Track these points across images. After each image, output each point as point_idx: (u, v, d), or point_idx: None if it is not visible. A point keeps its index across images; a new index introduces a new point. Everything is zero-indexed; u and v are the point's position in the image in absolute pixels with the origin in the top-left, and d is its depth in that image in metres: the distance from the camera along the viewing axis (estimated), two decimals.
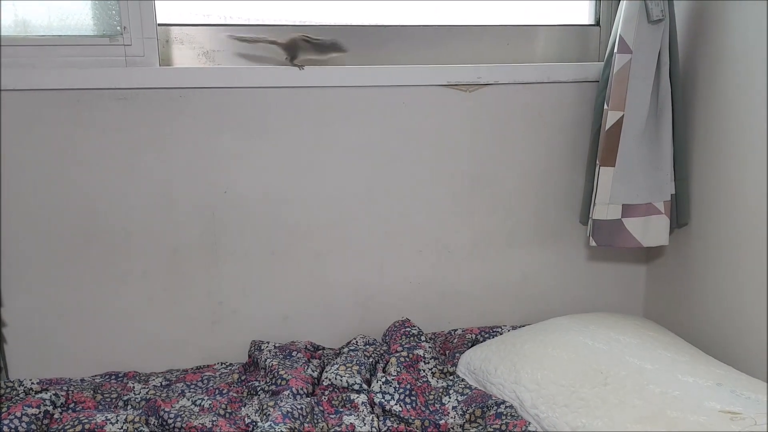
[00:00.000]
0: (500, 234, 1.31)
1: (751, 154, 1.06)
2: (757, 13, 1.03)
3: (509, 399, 1.02)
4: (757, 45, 1.04)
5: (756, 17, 1.04)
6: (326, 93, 1.19)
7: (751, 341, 1.08)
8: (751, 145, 1.06)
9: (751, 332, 1.08)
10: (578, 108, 1.28)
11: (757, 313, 1.07)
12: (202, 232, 1.20)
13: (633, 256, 1.37)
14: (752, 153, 1.06)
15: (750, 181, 1.07)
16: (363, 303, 1.29)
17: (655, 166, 1.17)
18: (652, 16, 1.11)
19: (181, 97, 1.15)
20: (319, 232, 1.24)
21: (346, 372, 1.10)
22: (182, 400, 1.05)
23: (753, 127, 1.06)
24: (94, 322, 1.20)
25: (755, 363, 1.07)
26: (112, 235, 1.17)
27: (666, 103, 1.16)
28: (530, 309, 1.36)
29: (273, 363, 1.13)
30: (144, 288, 1.20)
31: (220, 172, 1.19)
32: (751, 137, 1.06)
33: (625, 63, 1.13)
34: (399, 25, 1.25)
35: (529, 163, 1.29)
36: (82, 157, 1.14)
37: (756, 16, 1.04)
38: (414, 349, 1.16)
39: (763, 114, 1.03)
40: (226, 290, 1.23)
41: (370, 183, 1.24)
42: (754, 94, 1.05)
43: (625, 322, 1.17)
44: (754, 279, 1.07)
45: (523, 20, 1.32)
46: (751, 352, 1.08)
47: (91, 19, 1.13)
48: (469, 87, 1.24)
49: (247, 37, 1.16)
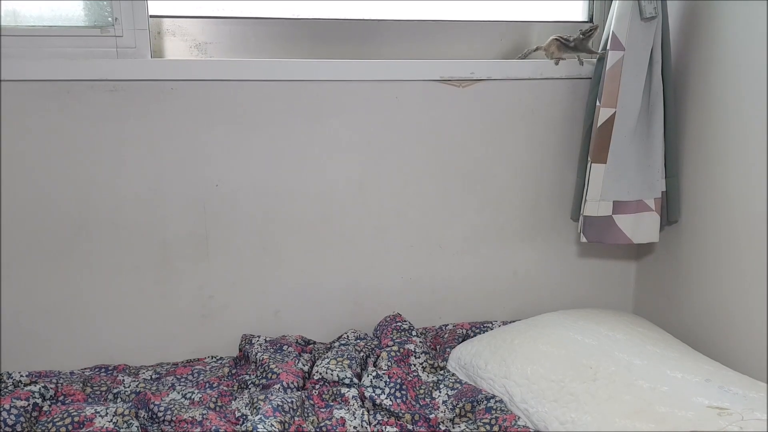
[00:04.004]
0: (492, 230, 1.32)
1: (741, 153, 1.07)
2: (748, 13, 1.04)
3: (499, 394, 1.02)
4: (748, 44, 1.04)
5: (747, 17, 1.04)
6: (319, 87, 1.19)
7: (739, 337, 1.09)
8: (741, 143, 1.07)
9: (739, 328, 1.09)
10: (570, 105, 1.28)
11: (745, 309, 1.07)
12: (193, 225, 1.20)
13: (623, 252, 1.38)
14: (742, 151, 1.07)
15: (740, 179, 1.08)
16: (354, 298, 1.29)
17: (646, 163, 1.18)
18: (645, 13, 1.11)
19: (173, 89, 1.14)
20: (310, 226, 1.24)
21: (337, 366, 1.10)
22: (172, 393, 1.05)
23: (744, 125, 1.06)
24: (84, 315, 1.19)
25: (743, 359, 1.08)
26: (102, 227, 1.17)
27: (657, 101, 1.16)
28: (521, 304, 1.36)
29: (264, 357, 1.13)
30: (134, 281, 1.20)
31: (212, 165, 1.18)
32: (741, 136, 1.07)
33: (618, 60, 1.14)
34: (393, 20, 1.25)
35: (522, 159, 1.29)
36: (72, 149, 1.13)
37: (747, 15, 1.04)
38: (405, 344, 1.17)
39: (754, 113, 1.04)
40: (217, 284, 1.23)
41: (362, 178, 1.24)
42: (745, 93, 1.05)
43: (614, 318, 1.17)
44: (743, 276, 1.08)
45: (516, 16, 1.32)
46: (740, 348, 1.09)
47: (82, 9, 1.12)
48: (462, 82, 1.24)
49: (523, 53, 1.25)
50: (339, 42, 1.24)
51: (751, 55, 1.04)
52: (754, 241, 1.05)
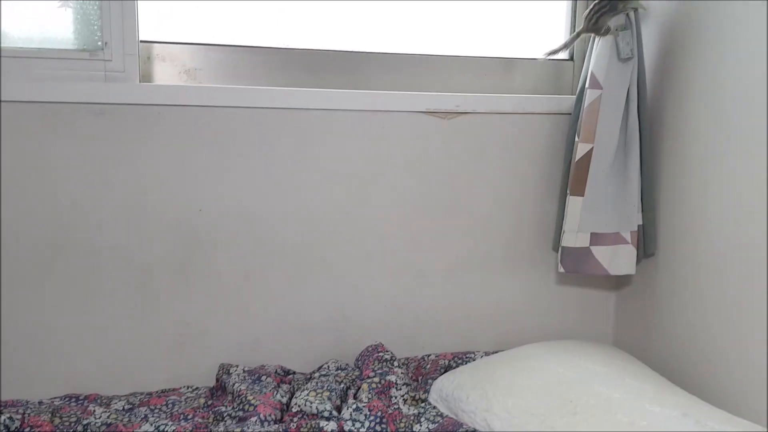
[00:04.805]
0: (475, 259, 1.33)
1: (715, 189, 1.11)
2: (719, 54, 1.09)
3: (480, 427, 1.02)
4: (719, 84, 1.09)
5: (718, 58, 1.09)
6: (307, 115, 1.20)
7: (714, 371, 1.11)
8: (715, 179, 1.11)
9: (714, 361, 1.11)
10: (552, 139, 1.32)
11: (720, 342, 1.09)
12: (174, 250, 1.18)
13: (603, 284, 1.40)
14: (717, 187, 1.10)
15: (714, 214, 1.11)
16: (337, 326, 1.28)
17: (623, 197, 1.21)
18: (622, 54, 1.16)
19: (160, 113, 1.14)
20: (294, 253, 1.24)
21: (317, 398, 1.08)
22: (145, 426, 1.02)
23: (716, 162, 1.10)
24: (55, 341, 1.16)
25: (720, 392, 1.09)
26: (81, 251, 1.14)
27: (634, 137, 1.20)
28: (503, 334, 1.36)
29: (241, 388, 1.11)
30: (110, 306, 1.17)
31: (196, 190, 1.18)
32: (715, 172, 1.11)
33: (596, 98, 1.18)
34: (381, 53, 1.28)
35: (504, 191, 1.32)
36: (54, 171, 1.12)
37: (718, 56, 1.09)
38: (386, 375, 1.15)
39: (728, 149, 1.08)
40: (196, 311, 1.21)
41: (346, 206, 1.25)
42: (717, 131, 1.10)
43: (595, 350, 1.18)
44: (717, 309, 1.10)
45: (501, 53, 1.36)
46: (715, 381, 1.10)
47: (72, 33, 1.12)
48: (447, 114, 1.26)
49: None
50: (327, 72, 1.26)
51: (722, 95, 1.09)
52: (730, 275, 1.08)
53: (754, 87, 1.02)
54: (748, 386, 1.03)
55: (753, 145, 1.02)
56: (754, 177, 1.02)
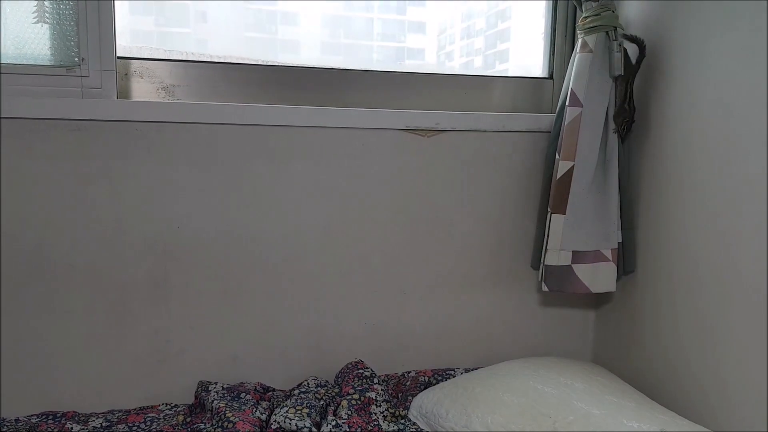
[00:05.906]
0: (455, 276, 1.33)
1: (694, 206, 1.12)
2: (698, 74, 1.11)
3: None
4: (698, 102, 1.11)
5: (697, 78, 1.11)
6: (286, 132, 1.20)
7: (693, 387, 1.11)
8: (694, 197, 1.12)
9: (693, 378, 1.11)
10: (531, 156, 1.33)
11: (698, 359, 1.10)
12: (152, 267, 1.17)
13: (582, 301, 1.41)
14: (695, 205, 1.12)
15: (693, 231, 1.12)
16: (316, 344, 1.27)
17: (603, 214, 1.22)
18: (615, 71, 1.17)
19: (137, 130, 1.13)
20: (273, 271, 1.23)
21: (296, 415, 1.07)
22: None
23: (695, 180, 1.12)
24: (32, 358, 1.14)
25: (698, 408, 1.10)
26: (57, 268, 1.13)
27: (613, 155, 1.21)
28: (483, 351, 1.36)
29: (220, 405, 1.10)
30: (87, 324, 1.15)
31: (174, 207, 1.17)
32: (694, 190, 1.12)
33: (576, 116, 1.19)
34: (362, 70, 1.29)
35: (484, 209, 1.32)
36: (30, 187, 1.10)
37: (697, 76, 1.11)
38: (366, 392, 1.15)
39: (706, 167, 1.09)
40: (174, 328, 1.20)
41: (326, 223, 1.25)
42: (695, 149, 1.11)
43: (574, 366, 1.19)
44: (695, 326, 1.11)
45: (480, 71, 1.37)
46: (693, 398, 1.11)
47: (48, 49, 1.11)
48: (427, 132, 1.27)
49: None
50: (307, 89, 1.26)
51: (700, 114, 1.10)
52: (708, 292, 1.09)
53: (732, 106, 1.03)
54: (725, 402, 1.04)
55: (731, 164, 1.04)
56: (732, 195, 1.04)
